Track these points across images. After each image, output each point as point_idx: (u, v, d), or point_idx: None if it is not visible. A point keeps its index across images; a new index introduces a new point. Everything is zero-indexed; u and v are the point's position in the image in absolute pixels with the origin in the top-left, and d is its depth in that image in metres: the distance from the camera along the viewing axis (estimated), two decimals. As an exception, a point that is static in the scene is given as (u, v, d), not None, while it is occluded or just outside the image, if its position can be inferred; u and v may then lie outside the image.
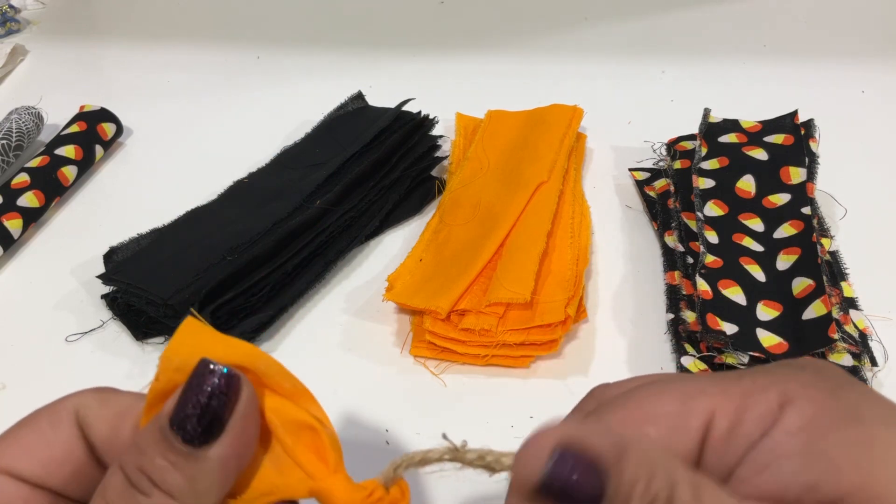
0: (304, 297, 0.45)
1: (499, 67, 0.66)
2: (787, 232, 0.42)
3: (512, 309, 0.40)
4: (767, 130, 0.48)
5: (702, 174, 0.46)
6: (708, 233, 0.43)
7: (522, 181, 0.47)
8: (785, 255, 0.41)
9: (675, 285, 0.43)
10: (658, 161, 0.52)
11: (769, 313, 0.39)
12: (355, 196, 0.48)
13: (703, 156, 0.47)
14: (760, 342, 0.37)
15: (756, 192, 0.45)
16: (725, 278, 0.40)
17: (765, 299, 0.39)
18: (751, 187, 0.45)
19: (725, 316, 0.38)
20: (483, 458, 0.21)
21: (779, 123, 0.48)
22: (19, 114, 0.57)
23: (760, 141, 0.47)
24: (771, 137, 0.47)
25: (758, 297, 0.39)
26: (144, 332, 0.43)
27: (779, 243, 0.42)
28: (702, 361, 0.38)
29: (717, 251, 0.42)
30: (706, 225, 0.43)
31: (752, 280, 0.40)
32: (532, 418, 0.37)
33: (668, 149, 0.51)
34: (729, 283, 0.40)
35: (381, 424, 0.38)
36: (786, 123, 0.48)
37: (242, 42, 0.73)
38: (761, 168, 0.45)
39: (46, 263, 0.49)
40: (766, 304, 0.39)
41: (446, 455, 0.22)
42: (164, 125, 0.62)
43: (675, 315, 0.41)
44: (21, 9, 0.80)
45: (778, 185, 0.44)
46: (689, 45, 0.67)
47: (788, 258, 0.41)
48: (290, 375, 0.23)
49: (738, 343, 0.36)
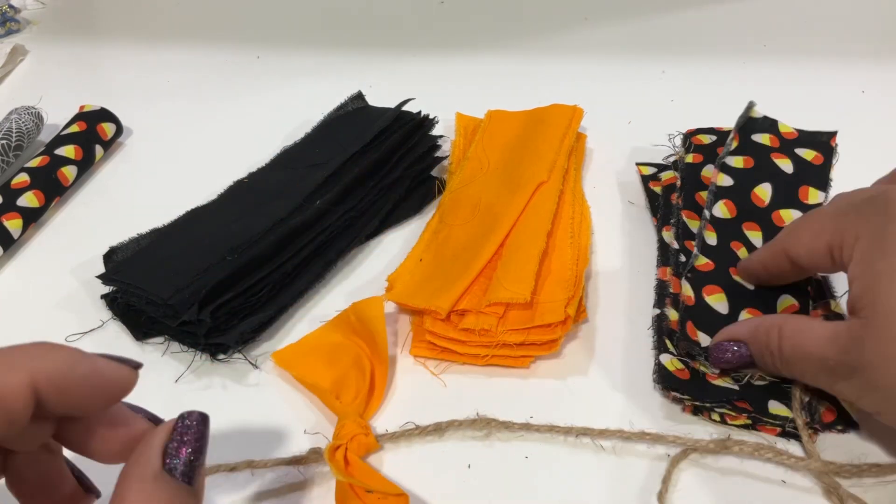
0: (304, 297, 0.45)
1: (499, 67, 0.66)
2: None
3: (512, 309, 0.40)
4: (801, 142, 0.46)
5: (724, 170, 0.45)
6: (708, 233, 0.42)
7: (522, 181, 0.47)
8: None
9: (664, 281, 0.43)
10: (668, 156, 0.51)
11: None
12: (355, 196, 0.48)
13: (731, 150, 0.45)
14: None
15: (769, 203, 0.43)
16: (712, 283, 0.40)
17: (749, 307, 0.39)
18: (766, 196, 0.43)
19: (703, 326, 0.38)
20: None
21: (814, 139, 0.46)
22: (19, 114, 0.57)
23: (791, 151, 0.45)
24: (802, 151, 0.45)
25: (743, 305, 0.39)
26: (144, 333, 0.43)
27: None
28: (679, 361, 0.38)
29: (713, 254, 0.41)
30: (709, 224, 0.42)
31: (740, 288, 0.39)
32: (532, 418, 0.37)
33: (685, 140, 0.50)
34: (714, 288, 0.39)
35: (381, 424, 0.38)
36: (821, 141, 0.46)
37: (242, 42, 0.73)
38: (782, 180, 0.44)
39: (46, 263, 0.49)
40: (749, 311, 0.38)
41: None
42: (164, 125, 0.62)
43: (660, 311, 0.41)
44: (21, 9, 0.80)
45: (794, 201, 0.43)
46: (689, 45, 0.67)
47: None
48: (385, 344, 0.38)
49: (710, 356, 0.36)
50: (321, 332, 0.41)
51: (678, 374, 0.37)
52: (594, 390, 0.38)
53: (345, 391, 0.37)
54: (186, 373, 0.41)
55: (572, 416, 0.37)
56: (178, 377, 0.40)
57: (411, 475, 0.35)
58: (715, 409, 0.36)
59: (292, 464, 0.35)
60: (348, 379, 0.38)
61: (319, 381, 0.38)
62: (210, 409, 0.38)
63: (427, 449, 0.36)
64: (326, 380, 0.38)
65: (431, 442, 0.37)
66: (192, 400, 0.39)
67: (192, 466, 0.24)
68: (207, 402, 0.39)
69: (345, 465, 0.34)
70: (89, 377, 0.24)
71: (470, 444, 0.36)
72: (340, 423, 0.35)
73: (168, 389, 0.40)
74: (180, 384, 0.40)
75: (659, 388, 0.37)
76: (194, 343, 0.41)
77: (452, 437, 0.37)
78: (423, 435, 0.36)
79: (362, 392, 0.37)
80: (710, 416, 0.36)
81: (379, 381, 0.38)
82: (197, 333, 0.40)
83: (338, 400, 0.37)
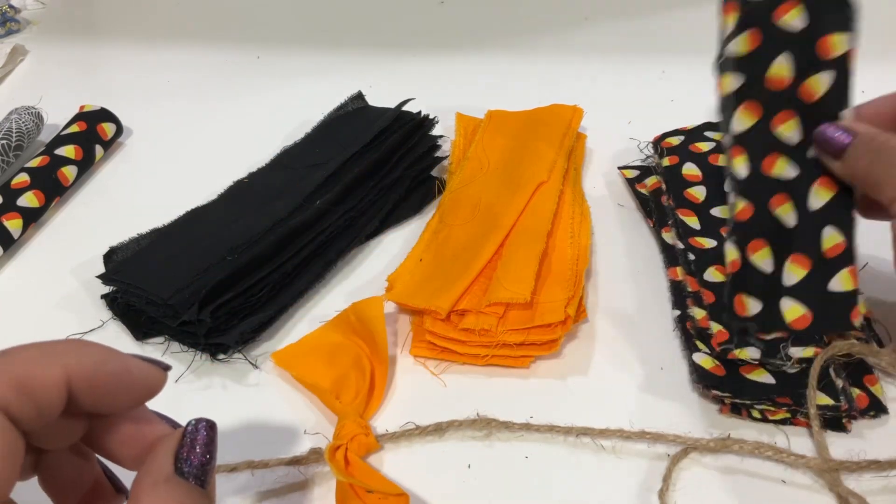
0: (304, 297, 0.45)
1: (499, 67, 0.66)
2: None
3: (512, 309, 0.40)
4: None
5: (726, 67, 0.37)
6: (737, 161, 0.37)
7: (522, 181, 0.47)
8: (820, 186, 0.37)
9: (678, 281, 0.43)
10: (646, 159, 0.52)
11: (796, 273, 0.36)
12: (355, 196, 0.48)
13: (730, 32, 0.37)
14: (784, 318, 0.36)
15: (793, 78, 0.36)
16: (755, 238, 0.37)
17: (793, 253, 0.36)
18: (785, 71, 0.36)
19: (752, 289, 0.36)
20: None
21: None
22: (19, 114, 0.57)
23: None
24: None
25: (786, 251, 0.36)
26: (144, 333, 0.43)
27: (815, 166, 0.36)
28: (714, 358, 0.38)
29: (747, 189, 0.37)
30: (735, 147, 0.37)
31: (780, 228, 0.37)
32: (532, 418, 0.37)
33: (655, 146, 0.50)
34: (758, 243, 0.37)
35: (381, 424, 0.38)
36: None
37: (242, 42, 0.73)
38: (795, 41, 0.36)
39: (46, 263, 0.49)
40: (794, 259, 0.36)
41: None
42: (164, 125, 0.62)
43: (681, 312, 0.41)
44: (21, 9, 0.80)
45: (815, 61, 0.36)
46: (689, 45, 0.67)
47: (824, 194, 0.37)
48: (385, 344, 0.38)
49: (762, 324, 0.35)
50: (321, 332, 0.41)
51: (715, 371, 0.37)
52: (594, 390, 0.38)
53: (345, 391, 0.37)
54: (186, 373, 0.41)
55: (572, 416, 0.37)
56: (179, 377, 0.40)
57: (411, 475, 0.35)
58: (755, 406, 0.36)
59: (292, 464, 0.35)
60: (348, 379, 0.38)
61: (319, 381, 0.38)
62: (210, 409, 0.38)
63: (427, 449, 0.36)
64: (326, 380, 0.38)
65: (431, 442, 0.37)
66: (192, 400, 0.39)
67: (204, 470, 0.25)
68: (207, 402, 0.39)
69: (345, 465, 0.34)
70: (120, 375, 0.24)
71: (470, 444, 0.36)
72: (340, 423, 0.36)
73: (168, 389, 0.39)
74: (180, 384, 0.40)
75: (699, 388, 0.37)
76: (194, 343, 0.41)
77: (452, 437, 0.37)
78: (423, 435, 0.36)
79: (362, 392, 0.37)
80: (748, 414, 0.36)
81: (379, 381, 0.38)
82: (197, 333, 0.40)
83: (338, 400, 0.37)
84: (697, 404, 0.37)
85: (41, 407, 0.22)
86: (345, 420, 0.36)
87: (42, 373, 0.22)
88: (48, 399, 0.22)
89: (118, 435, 0.26)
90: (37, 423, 0.23)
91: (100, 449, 0.27)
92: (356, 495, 0.33)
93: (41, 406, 0.22)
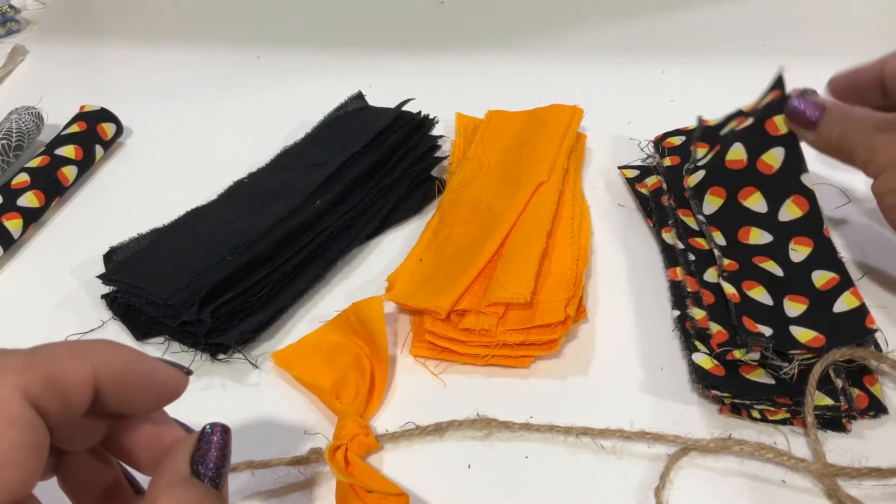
0: (304, 297, 0.45)
1: (499, 67, 0.66)
2: (793, 213, 0.41)
3: (512, 309, 0.40)
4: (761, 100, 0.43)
5: (692, 172, 0.44)
6: (715, 234, 0.42)
7: (522, 181, 0.47)
8: (796, 244, 0.40)
9: (678, 282, 0.43)
10: (646, 158, 0.52)
11: (797, 308, 0.38)
12: (355, 196, 0.48)
13: (698, 157, 0.45)
14: (797, 339, 0.36)
15: (748, 158, 0.41)
16: (746, 279, 0.39)
17: (789, 294, 0.38)
18: (741, 154, 0.42)
19: (758, 318, 0.37)
20: None
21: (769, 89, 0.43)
22: (19, 114, 0.57)
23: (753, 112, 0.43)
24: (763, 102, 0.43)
25: (782, 292, 0.39)
26: (144, 332, 0.43)
27: (787, 229, 0.40)
28: (713, 358, 0.38)
29: (728, 253, 0.41)
30: (711, 226, 0.42)
31: (770, 276, 0.39)
32: (532, 418, 0.37)
33: (656, 146, 0.50)
34: (751, 283, 0.39)
35: (381, 424, 0.38)
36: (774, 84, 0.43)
37: (242, 42, 0.73)
38: (747, 132, 0.42)
39: (46, 263, 0.49)
40: (791, 298, 0.38)
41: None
42: (164, 125, 0.62)
43: (681, 312, 0.41)
44: (21, 9, 0.80)
45: (766, 140, 0.41)
46: (689, 45, 0.67)
47: (801, 250, 0.40)
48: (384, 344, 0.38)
49: (777, 344, 0.36)
50: (321, 332, 0.41)
51: (714, 371, 0.37)
52: (594, 390, 0.38)
53: (345, 391, 0.37)
54: (186, 373, 0.41)
55: (572, 416, 0.37)
56: (178, 377, 0.40)
57: (411, 475, 0.35)
58: (755, 407, 0.36)
59: (292, 464, 0.35)
60: (348, 379, 0.38)
61: (319, 381, 0.38)
62: (210, 409, 0.38)
63: (427, 449, 0.36)
64: (326, 380, 0.38)
65: (431, 442, 0.37)
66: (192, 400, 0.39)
67: (219, 472, 0.26)
68: (207, 402, 0.39)
69: (345, 465, 0.34)
70: (145, 376, 0.25)
71: (470, 444, 0.36)
72: (340, 423, 0.36)
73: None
74: (180, 384, 0.40)
75: (699, 389, 0.37)
76: (194, 343, 0.41)
77: (452, 437, 0.37)
78: (423, 435, 0.36)
79: (362, 392, 0.37)
80: (748, 414, 0.36)
81: (379, 381, 0.38)
82: (197, 333, 0.40)
83: (338, 400, 0.37)
84: (697, 404, 0.37)
85: (69, 403, 0.23)
86: (345, 420, 0.36)
87: (71, 369, 0.23)
88: (76, 395, 0.23)
89: (137, 437, 0.27)
90: (63, 418, 0.23)
91: (118, 451, 0.27)
92: (356, 495, 0.33)
93: (69, 402, 0.23)
